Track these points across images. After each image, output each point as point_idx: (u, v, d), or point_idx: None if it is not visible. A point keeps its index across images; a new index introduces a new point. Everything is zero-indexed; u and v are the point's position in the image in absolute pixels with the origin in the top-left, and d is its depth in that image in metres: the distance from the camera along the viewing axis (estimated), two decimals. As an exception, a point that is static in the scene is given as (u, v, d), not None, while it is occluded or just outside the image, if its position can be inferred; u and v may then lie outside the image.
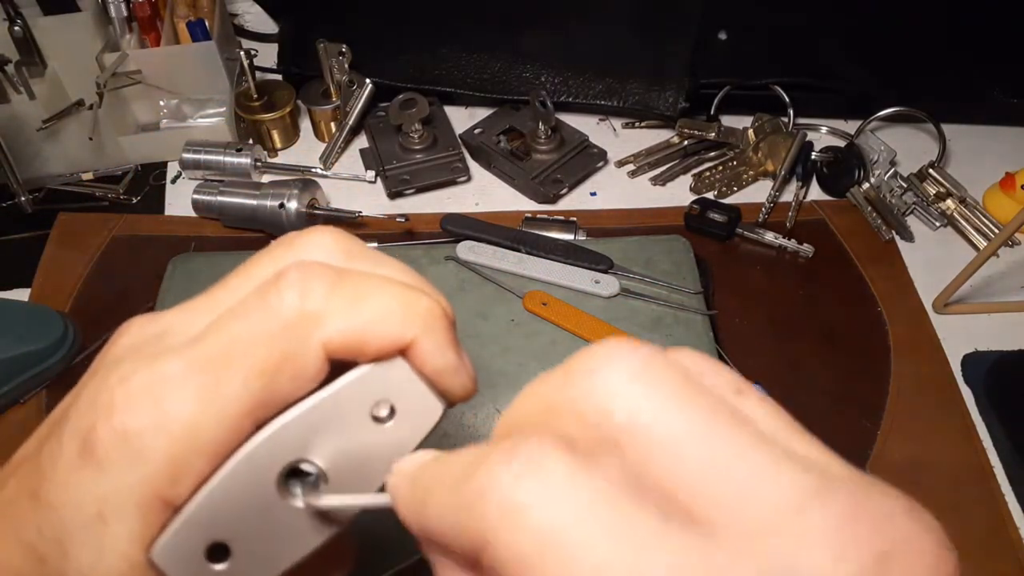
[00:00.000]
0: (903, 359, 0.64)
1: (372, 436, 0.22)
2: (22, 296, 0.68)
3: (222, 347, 0.21)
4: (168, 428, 0.20)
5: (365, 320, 0.21)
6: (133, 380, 0.21)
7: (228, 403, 0.21)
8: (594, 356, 0.19)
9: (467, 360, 0.24)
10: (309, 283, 0.21)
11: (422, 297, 0.23)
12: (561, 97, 0.80)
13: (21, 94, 0.71)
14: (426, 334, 0.22)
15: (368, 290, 0.22)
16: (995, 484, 0.58)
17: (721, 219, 0.72)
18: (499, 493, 0.16)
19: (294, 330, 0.21)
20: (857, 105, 0.81)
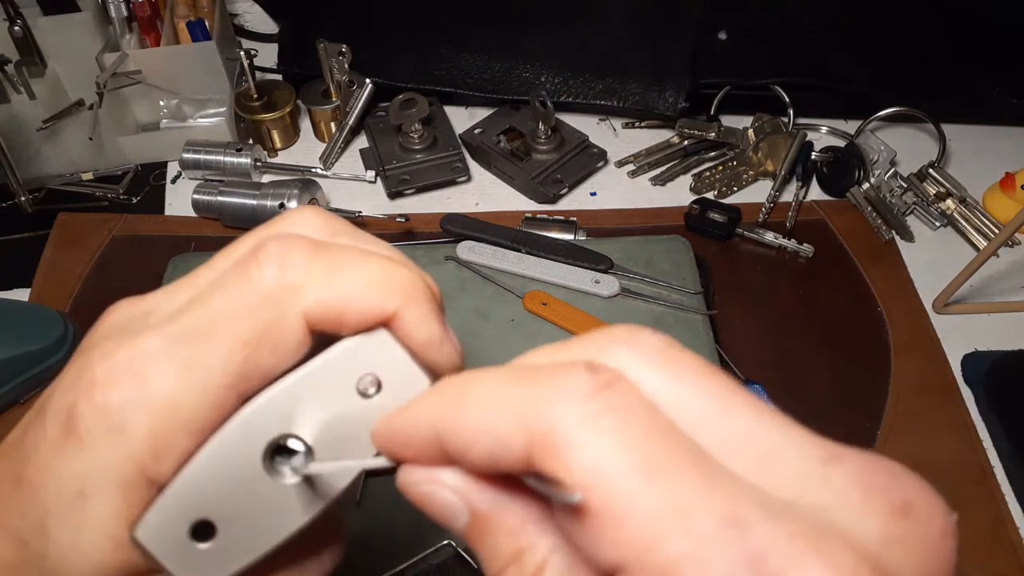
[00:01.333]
0: (903, 359, 0.64)
1: (358, 410, 0.22)
2: (22, 296, 0.68)
3: (203, 320, 0.21)
4: (150, 403, 0.20)
5: (345, 290, 0.21)
6: (115, 356, 0.21)
7: (210, 376, 0.20)
8: (615, 338, 0.19)
9: (452, 334, 0.23)
10: (288, 254, 0.21)
11: (403, 269, 0.22)
12: (561, 97, 0.80)
13: (21, 94, 0.71)
14: (408, 305, 0.22)
15: (348, 261, 0.22)
16: (995, 484, 0.58)
17: (721, 219, 0.72)
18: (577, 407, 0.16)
19: (274, 301, 0.21)
20: (857, 105, 0.81)
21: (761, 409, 0.17)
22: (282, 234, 0.22)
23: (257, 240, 0.23)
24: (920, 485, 0.16)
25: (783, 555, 0.14)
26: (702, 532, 0.14)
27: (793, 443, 0.16)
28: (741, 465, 0.16)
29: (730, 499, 0.15)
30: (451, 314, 0.63)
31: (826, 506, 0.15)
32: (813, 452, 0.16)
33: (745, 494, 0.15)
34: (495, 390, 0.17)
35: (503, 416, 0.17)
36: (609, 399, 0.16)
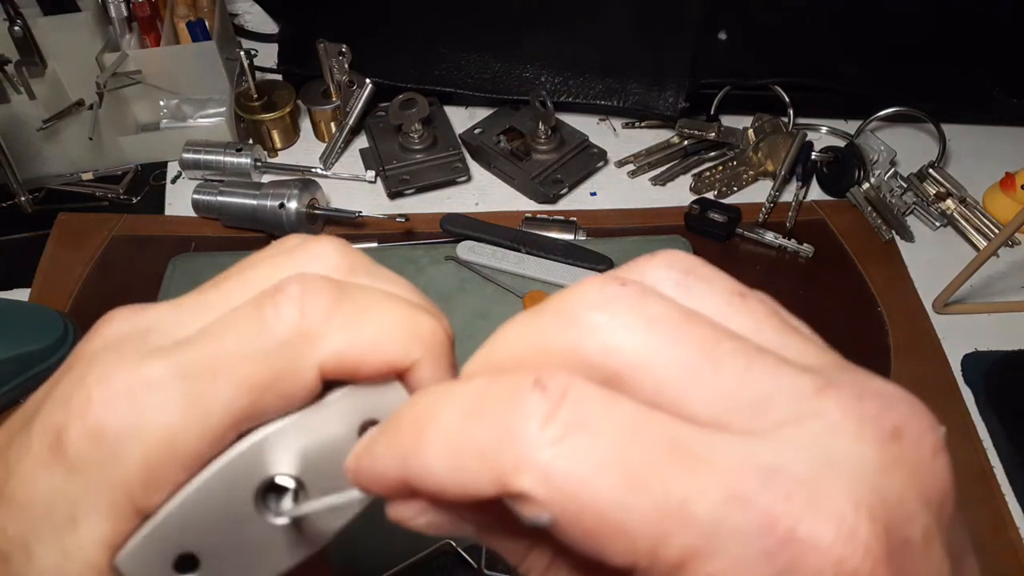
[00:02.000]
0: (903, 359, 0.64)
1: (348, 443, 0.21)
2: (22, 296, 0.68)
3: (212, 357, 0.20)
4: (146, 433, 0.19)
5: (366, 341, 0.20)
6: (113, 379, 0.20)
7: (212, 415, 0.20)
8: (584, 295, 0.18)
9: None
10: (309, 299, 0.20)
11: (425, 318, 0.21)
12: (561, 97, 0.80)
13: (21, 94, 0.71)
14: (427, 359, 0.21)
15: (370, 308, 0.21)
16: (995, 484, 0.58)
17: (721, 219, 0.72)
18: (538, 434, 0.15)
19: (289, 348, 0.20)
20: (857, 105, 0.81)
21: (751, 353, 0.17)
22: (304, 276, 0.21)
23: (276, 274, 0.22)
24: (909, 405, 0.17)
25: (787, 515, 0.14)
26: (703, 519, 0.14)
27: (784, 382, 0.16)
28: (736, 418, 0.16)
29: (720, 475, 0.15)
30: (451, 314, 0.63)
31: (822, 442, 0.15)
32: (805, 385, 0.16)
33: (733, 462, 0.15)
34: (453, 430, 0.17)
35: (467, 460, 0.16)
36: (567, 416, 0.16)
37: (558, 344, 0.18)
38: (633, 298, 0.17)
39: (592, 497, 0.15)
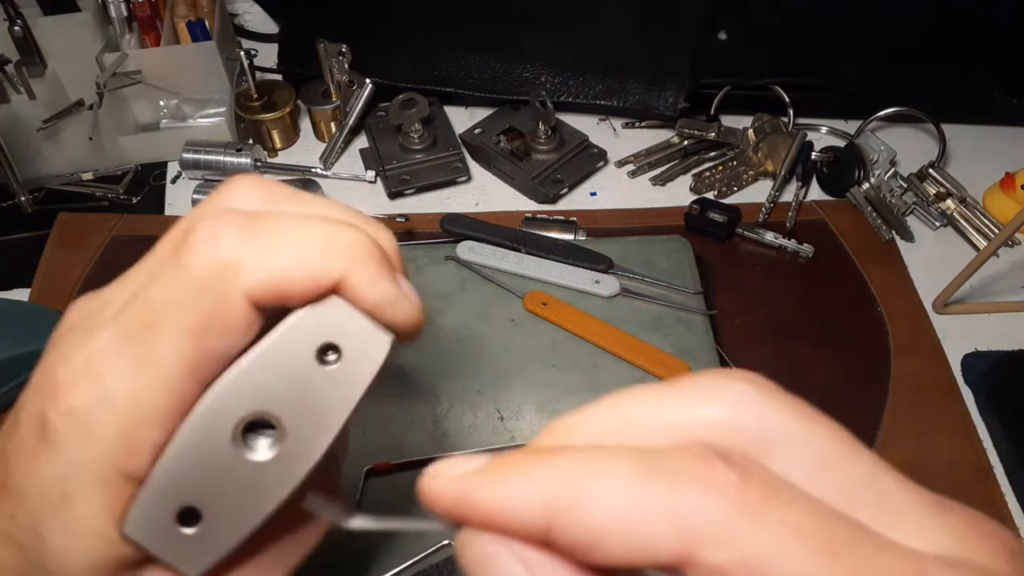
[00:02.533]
0: (903, 359, 0.64)
1: (322, 379, 0.21)
2: (22, 296, 0.68)
3: (145, 313, 0.21)
4: (112, 402, 0.20)
5: (284, 263, 0.20)
6: (72, 359, 0.21)
7: (163, 368, 0.20)
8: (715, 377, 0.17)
9: (408, 288, 0.22)
10: (219, 234, 0.20)
11: (344, 230, 0.21)
12: (561, 97, 0.80)
13: (21, 94, 0.71)
14: (355, 268, 0.21)
15: (283, 231, 0.21)
16: (995, 484, 0.58)
17: (721, 219, 0.72)
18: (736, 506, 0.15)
19: (212, 285, 0.20)
20: (857, 105, 0.81)
21: (874, 455, 0.17)
22: (213, 212, 0.21)
23: (189, 221, 0.22)
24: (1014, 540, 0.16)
25: None
26: None
27: (911, 491, 0.16)
28: (865, 512, 0.16)
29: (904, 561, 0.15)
30: (451, 314, 0.63)
31: (958, 554, 0.15)
32: (927, 500, 0.16)
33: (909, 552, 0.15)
34: (631, 489, 0.16)
35: (650, 522, 0.15)
36: (759, 486, 0.15)
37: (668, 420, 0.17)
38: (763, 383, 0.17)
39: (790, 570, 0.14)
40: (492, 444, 0.56)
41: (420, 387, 0.59)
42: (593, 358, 0.61)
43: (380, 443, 0.55)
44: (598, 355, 0.61)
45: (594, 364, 0.60)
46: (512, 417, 0.58)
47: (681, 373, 0.59)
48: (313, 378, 0.21)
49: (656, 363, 0.60)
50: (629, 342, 0.61)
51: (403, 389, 0.59)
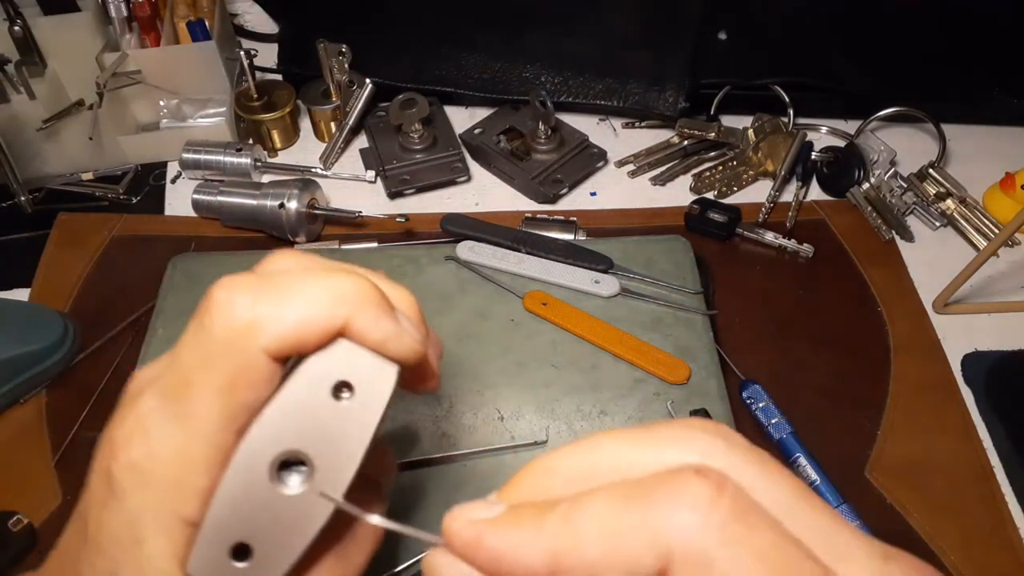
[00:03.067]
0: (903, 359, 0.64)
1: (340, 414, 0.24)
2: (22, 296, 0.68)
3: (180, 376, 0.23)
4: (160, 454, 0.23)
5: (296, 317, 0.23)
6: (126, 420, 0.24)
7: (201, 422, 0.23)
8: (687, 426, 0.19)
9: (407, 323, 0.25)
10: (233, 298, 0.23)
11: (344, 279, 0.24)
12: (561, 97, 0.80)
13: (21, 94, 0.71)
14: (358, 312, 0.24)
15: (292, 287, 0.24)
16: (995, 484, 0.58)
17: (721, 219, 0.72)
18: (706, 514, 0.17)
19: (234, 345, 0.23)
20: (857, 105, 0.81)
21: (829, 507, 0.19)
22: (226, 279, 0.24)
23: (212, 288, 0.25)
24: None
25: None
26: None
27: (860, 541, 0.18)
28: (824, 558, 0.17)
29: None
30: (451, 314, 0.63)
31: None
32: (875, 550, 0.18)
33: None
34: (613, 515, 0.18)
35: (631, 540, 0.17)
36: (729, 505, 0.17)
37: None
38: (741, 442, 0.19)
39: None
40: (492, 444, 0.56)
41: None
42: (593, 358, 0.61)
43: (380, 443, 0.56)
44: (598, 355, 0.61)
45: (594, 364, 0.60)
46: (512, 417, 0.58)
47: (681, 372, 0.59)
48: (332, 414, 0.24)
49: (656, 363, 0.60)
50: (629, 342, 0.61)
51: (403, 389, 0.59)
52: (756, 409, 0.59)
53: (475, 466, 0.55)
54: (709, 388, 0.59)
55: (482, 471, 0.55)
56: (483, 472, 0.55)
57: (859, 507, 0.54)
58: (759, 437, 0.59)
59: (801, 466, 0.56)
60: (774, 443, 0.58)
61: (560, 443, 0.56)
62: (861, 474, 0.58)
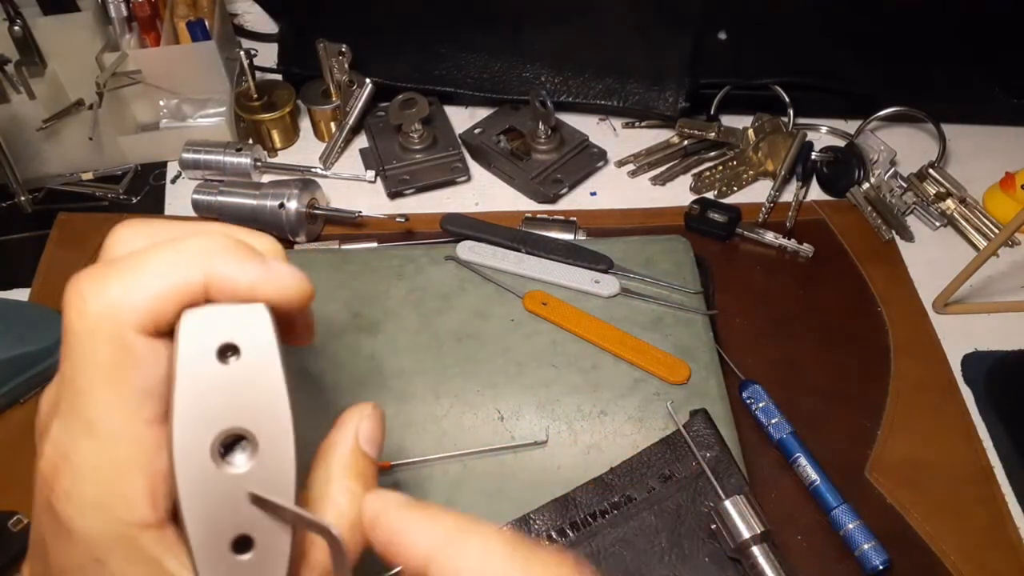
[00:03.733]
0: (903, 359, 0.64)
1: (238, 378, 0.23)
2: (22, 296, 0.68)
3: (68, 386, 0.23)
4: (85, 474, 0.22)
5: (151, 287, 0.22)
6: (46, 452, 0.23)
7: (107, 424, 0.22)
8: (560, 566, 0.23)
9: (276, 263, 0.24)
10: (83, 291, 0.22)
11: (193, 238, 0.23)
12: (561, 97, 0.80)
13: (21, 94, 0.71)
14: (217, 263, 0.23)
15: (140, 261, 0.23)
16: (995, 484, 0.58)
17: (721, 219, 0.72)
18: None
19: (98, 335, 0.22)
20: (857, 105, 0.81)
21: None
22: (72, 278, 0.23)
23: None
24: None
25: None
26: None
27: None
28: None
29: None
30: (451, 314, 0.63)
31: None
32: None
33: None
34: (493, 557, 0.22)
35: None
36: None
37: None
38: None
39: None
40: (492, 444, 0.56)
41: (420, 387, 0.59)
42: (593, 358, 0.61)
43: (380, 443, 0.55)
44: (598, 355, 0.61)
45: (594, 364, 0.60)
46: (512, 417, 0.58)
47: (681, 372, 0.59)
48: (231, 380, 0.23)
49: (656, 363, 0.60)
50: (629, 342, 0.61)
51: (403, 389, 0.59)
52: (756, 409, 0.59)
53: (475, 466, 0.55)
54: (709, 388, 0.59)
55: (482, 471, 0.55)
56: (483, 472, 0.55)
57: (859, 507, 0.54)
58: (759, 437, 0.59)
59: (801, 466, 0.56)
60: (774, 443, 0.58)
61: (560, 443, 0.56)
62: (861, 474, 0.58)
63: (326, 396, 0.58)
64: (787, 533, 0.54)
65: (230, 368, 0.23)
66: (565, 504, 0.52)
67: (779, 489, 0.57)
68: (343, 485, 0.26)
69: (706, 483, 0.53)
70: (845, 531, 0.53)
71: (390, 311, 0.63)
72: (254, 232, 0.26)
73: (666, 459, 0.54)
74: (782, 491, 0.57)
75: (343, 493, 0.26)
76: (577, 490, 0.53)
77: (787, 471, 0.57)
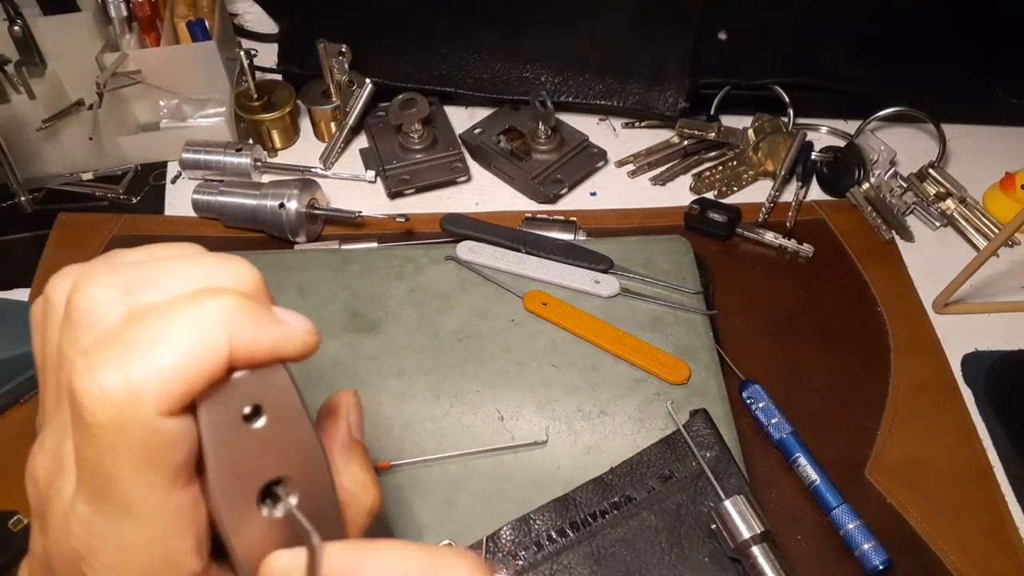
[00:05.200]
0: (903, 359, 0.64)
1: (266, 435, 0.23)
2: (22, 296, 0.68)
3: (96, 476, 0.21)
4: (130, 546, 0.21)
5: (174, 364, 0.20)
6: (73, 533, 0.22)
7: (145, 503, 0.21)
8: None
9: (286, 314, 0.23)
10: (100, 380, 0.20)
11: (209, 302, 0.21)
12: (561, 97, 0.80)
13: (21, 94, 0.71)
14: (236, 338, 0.21)
15: (156, 337, 0.21)
16: (995, 484, 0.58)
17: (721, 219, 0.72)
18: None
19: (126, 425, 0.20)
20: (857, 105, 0.81)
21: None
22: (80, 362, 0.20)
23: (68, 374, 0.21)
24: None
25: None
26: None
27: None
28: None
29: None
30: (451, 314, 0.63)
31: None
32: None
33: None
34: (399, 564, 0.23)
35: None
36: None
37: None
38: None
39: None
40: (492, 444, 0.56)
41: (420, 387, 0.59)
42: (593, 358, 0.61)
43: (380, 443, 0.55)
44: (598, 355, 0.61)
45: (594, 364, 0.60)
46: (512, 417, 0.58)
47: (681, 372, 0.59)
48: (262, 439, 0.23)
49: (656, 363, 0.60)
50: (629, 342, 0.61)
51: (403, 389, 0.59)
52: (756, 409, 0.59)
53: (475, 466, 0.55)
54: (709, 388, 0.59)
55: (482, 471, 0.55)
56: (483, 472, 0.55)
57: (859, 507, 0.54)
58: (759, 437, 0.59)
59: (801, 466, 0.56)
60: (774, 443, 0.58)
61: (560, 443, 0.56)
62: (861, 474, 0.58)
63: (326, 396, 0.58)
64: (787, 533, 0.54)
65: (259, 429, 0.23)
66: (565, 504, 0.52)
67: (779, 489, 0.57)
68: (350, 473, 0.27)
69: (706, 483, 0.53)
70: (845, 531, 0.53)
71: (390, 311, 0.63)
72: (227, 258, 0.23)
73: (666, 459, 0.54)
74: (782, 491, 0.57)
75: (352, 481, 0.27)
76: (577, 490, 0.53)
77: (787, 471, 0.57)
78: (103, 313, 0.22)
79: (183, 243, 0.25)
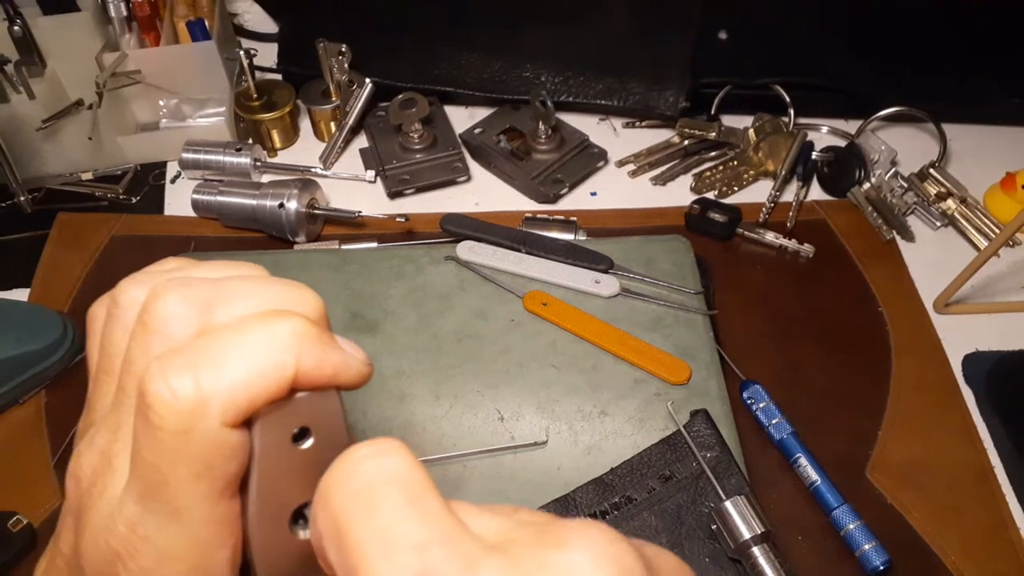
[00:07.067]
0: (903, 359, 0.64)
1: (312, 458, 0.23)
2: (22, 296, 0.68)
3: (151, 478, 0.21)
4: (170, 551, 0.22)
5: (243, 378, 0.21)
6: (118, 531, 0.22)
7: (195, 511, 0.22)
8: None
9: (346, 344, 0.24)
10: (172, 385, 0.21)
11: (280, 323, 0.22)
12: (561, 97, 0.80)
13: (21, 94, 0.71)
14: (302, 360, 0.22)
15: (228, 350, 0.21)
16: (995, 484, 0.57)
17: (721, 219, 0.72)
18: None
19: (191, 433, 0.21)
20: (857, 105, 0.81)
21: None
22: (154, 367, 0.21)
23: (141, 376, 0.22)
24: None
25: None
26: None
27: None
28: None
29: None
30: (451, 314, 0.63)
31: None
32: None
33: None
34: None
35: None
36: None
37: None
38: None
39: None
40: (492, 444, 0.56)
41: (420, 387, 0.59)
42: (593, 358, 0.61)
43: (380, 443, 0.55)
44: (598, 355, 0.61)
45: (594, 364, 0.60)
46: (512, 417, 0.58)
47: (681, 373, 0.59)
48: (306, 460, 0.23)
49: (656, 363, 0.59)
50: (629, 342, 0.61)
51: (403, 389, 0.59)
52: (757, 409, 0.59)
53: (475, 466, 0.55)
54: (709, 388, 0.59)
55: (482, 471, 0.55)
56: (483, 472, 0.55)
57: (860, 508, 0.54)
58: (760, 437, 0.59)
59: (802, 466, 0.56)
60: (775, 443, 0.58)
61: (560, 444, 0.56)
62: (862, 474, 0.58)
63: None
64: (788, 534, 0.54)
65: (305, 450, 0.23)
66: (565, 504, 0.52)
67: (780, 490, 0.57)
68: None
69: (706, 484, 0.53)
70: (846, 531, 0.53)
71: (390, 311, 0.63)
72: (294, 285, 0.25)
73: (666, 459, 0.54)
74: (783, 492, 0.57)
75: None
76: (577, 490, 0.53)
77: (788, 471, 0.57)
78: (179, 325, 0.23)
79: (248, 263, 0.26)
